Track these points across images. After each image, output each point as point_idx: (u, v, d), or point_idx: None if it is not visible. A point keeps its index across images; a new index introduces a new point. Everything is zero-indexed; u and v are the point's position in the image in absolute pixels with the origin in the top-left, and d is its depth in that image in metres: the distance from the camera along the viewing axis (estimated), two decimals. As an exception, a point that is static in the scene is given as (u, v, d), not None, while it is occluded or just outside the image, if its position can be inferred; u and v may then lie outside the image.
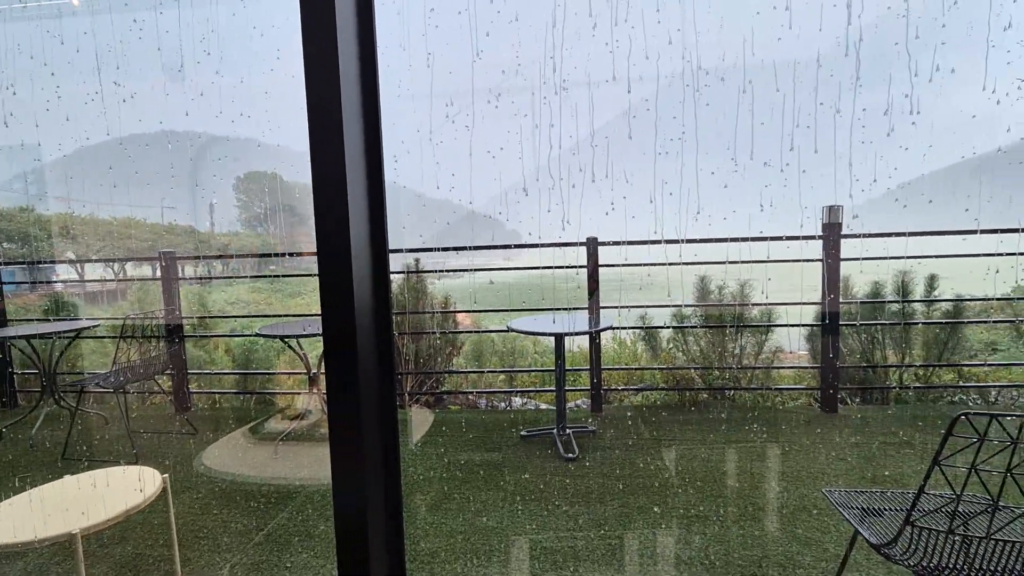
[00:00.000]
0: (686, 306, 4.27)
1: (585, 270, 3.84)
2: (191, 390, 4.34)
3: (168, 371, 4.00)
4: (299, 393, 4.41)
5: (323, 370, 1.38)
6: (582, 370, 4.42)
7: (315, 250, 0.87)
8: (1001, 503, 1.21)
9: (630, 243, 3.92)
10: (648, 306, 4.28)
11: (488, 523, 2.39)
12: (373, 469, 0.95)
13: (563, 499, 2.59)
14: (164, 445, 3.48)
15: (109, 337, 4.60)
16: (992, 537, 1.22)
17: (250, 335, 5.04)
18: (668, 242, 3.82)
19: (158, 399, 4.41)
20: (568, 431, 3.32)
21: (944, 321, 4.02)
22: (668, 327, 4.32)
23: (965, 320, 4.11)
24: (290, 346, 3.50)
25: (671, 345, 4.36)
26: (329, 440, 0.90)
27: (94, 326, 4.18)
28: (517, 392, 4.53)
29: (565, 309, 4.18)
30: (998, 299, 4.67)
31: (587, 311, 3.87)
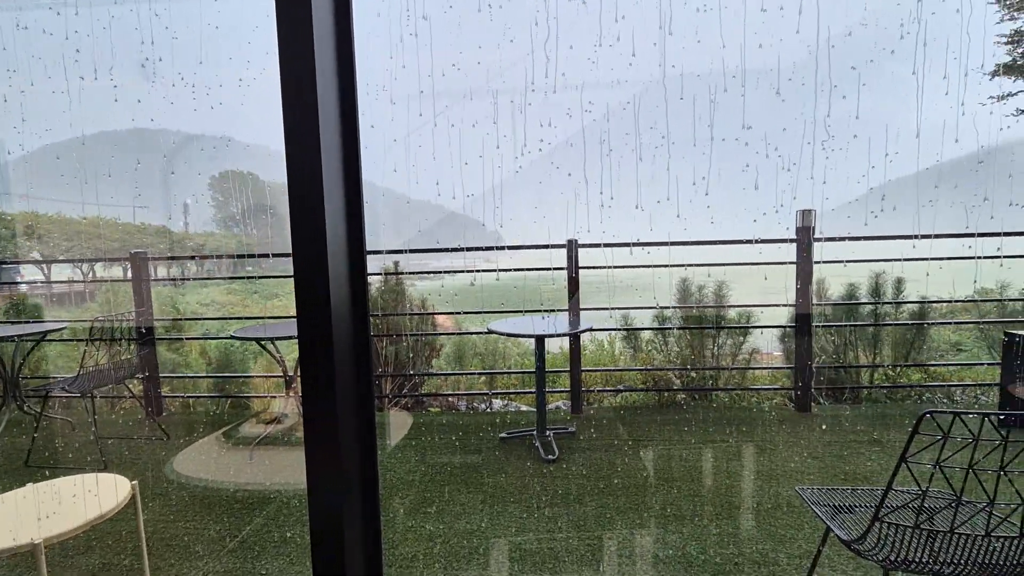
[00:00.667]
0: (665, 308, 4.32)
1: (566, 272, 3.86)
2: (163, 394, 4.23)
3: (139, 375, 3.90)
4: (275, 396, 4.34)
5: (299, 372, 1.36)
6: (562, 372, 4.43)
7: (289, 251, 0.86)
8: (964, 498, 1.25)
9: (610, 245, 3.96)
10: (628, 308, 4.32)
11: (467, 526, 2.38)
12: (350, 473, 0.94)
13: (543, 501, 2.60)
14: (134, 451, 3.39)
15: (76, 340, 4.47)
16: (955, 531, 1.27)
17: (224, 337, 4.94)
18: (647, 244, 3.87)
19: (128, 404, 4.29)
20: (548, 433, 3.32)
21: (912, 323, 4.14)
22: (648, 328, 4.36)
23: (930, 322, 4.25)
24: (266, 349, 3.44)
25: (651, 347, 4.41)
26: (304, 444, 0.89)
27: (60, 329, 4.05)
28: (497, 394, 4.53)
29: (546, 311, 4.20)
30: (962, 301, 4.83)
31: (568, 313, 3.89)
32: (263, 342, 3.37)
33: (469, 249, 4.12)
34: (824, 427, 3.50)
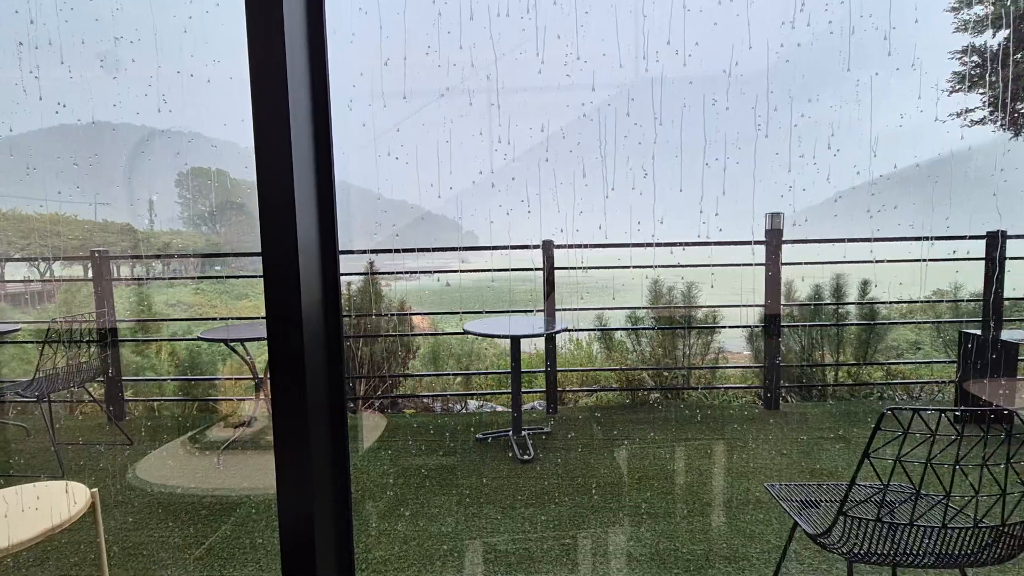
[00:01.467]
0: (638, 308, 4.38)
1: (541, 273, 3.87)
2: (127, 398, 4.09)
3: (100, 378, 3.76)
4: (245, 399, 4.23)
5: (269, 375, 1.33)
6: (538, 372, 4.45)
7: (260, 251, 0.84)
8: (923, 491, 1.30)
9: (584, 247, 3.99)
10: (603, 308, 4.36)
11: (442, 528, 2.37)
12: (321, 477, 0.92)
13: (519, 501, 2.60)
14: (95, 457, 3.26)
15: (33, 342, 4.28)
16: (914, 523, 1.31)
17: (191, 339, 4.80)
18: (620, 246, 3.91)
19: (89, 409, 4.13)
20: (524, 433, 3.33)
21: (873, 323, 4.29)
22: (621, 329, 4.41)
23: (891, 322, 4.41)
24: (235, 350, 3.35)
25: (624, 347, 4.46)
26: (274, 448, 0.87)
27: (15, 331, 3.88)
28: (473, 395, 4.51)
29: (521, 311, 4.20)
30: (920, 302, 5.03)
31: (543, 313, 3.91)
32: (232, 344, 3.28)
33: (445, 249, 4.10)
34: (791, 424, 3.60)
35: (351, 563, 1.02)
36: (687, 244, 3.95)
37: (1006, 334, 3.33)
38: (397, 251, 4.49)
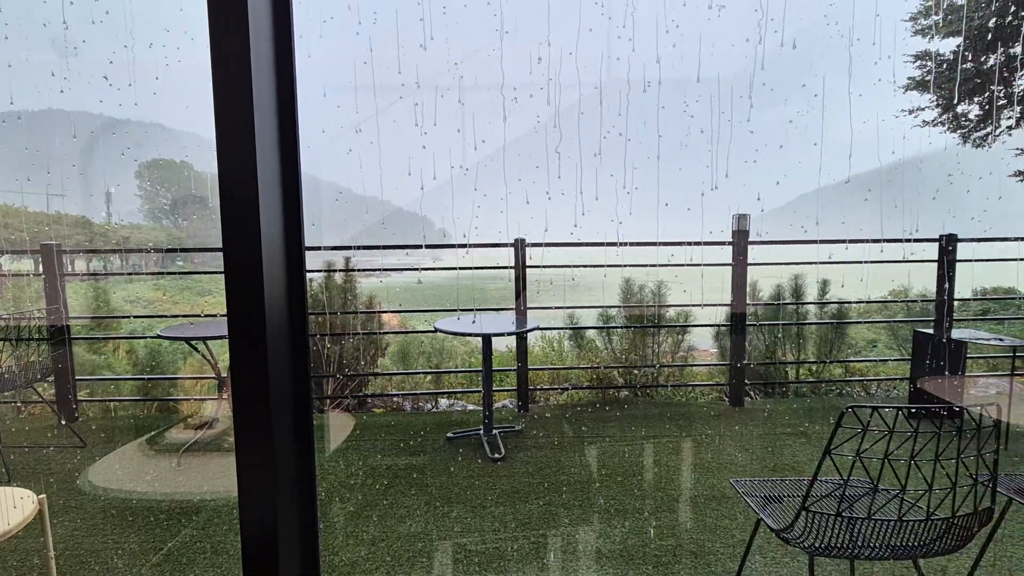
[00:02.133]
0: (610, 307, 4.42)
1: (513, 271, 3.87)
2: (80, 398, 3.91)
3: (50, 378, 3.58)
4: (207, 399, 4.10)
5: (232, 374, 1.28)
6: (509, 370, 4.45)
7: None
8: (880, 486, 1.34)
9: (557, 245, 4.00)
10: (574, 307, 4.39)
11: (412, 528, 2.34)
12: (285, 478, 0.89)
13: (489, 500, 2.59)
14: (43, 461, 3.11)
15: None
16: (872, 517, 1.36)
17: (151, 337, 4.63)
18: (592, 245, 3.94)
19: (38, 410, 3.93)
20: (495, 431, 3.32)
21: (833, 321, 4.44)
22: (592, 328, 4.45)
23: (849, 321, 4.57)
24: (196, 349, 3.24)
25: (595, 345, 4.49)
26: (235, 449, 0.84)
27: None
28: (444, 393, 4.48)
29: (493, 309, 4.19)
30: (877, 302, 5.23)
31: (514, 311, 3.90)
32: (193, 342, 3.17)
33: (415, 247, 4.05)
34: (756, 421, 3.69)
35: (316, 566, 0.99)
36: (657, 244, 4.00)
37: (956, 333, 3.49)
38: (366, 248, 4.42)
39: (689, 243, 3.98)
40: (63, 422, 3.64)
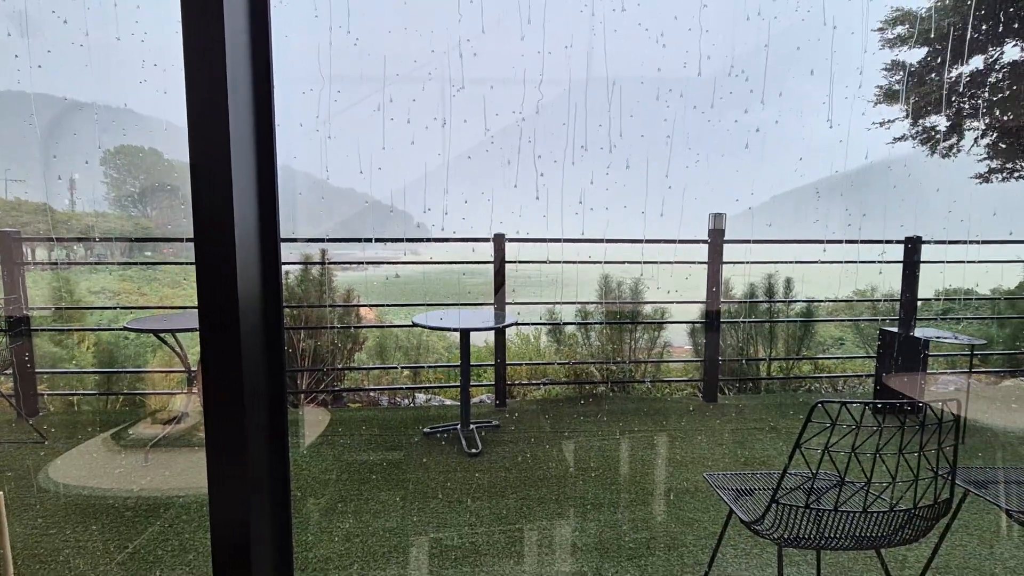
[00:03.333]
0: (587, 303, 4.45)
1: (492, 266, 3.86)
2: (40, 392, 3.76)
3: (7, 371, 3.44)
4: (176, 394, 4.00)
5: (203, 368, 1.25)
6: (487, 365, 4.44)
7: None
8: (847, 479, 1.38)
9: (536, 241, 4.01)
10: (552, 303, 4.41)
11: (387, 524, 2.33)
12: (257, 474, 0.87)
13: (466, 495, 2.59)
14: (1, 457, 2.99)
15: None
16: (838, 509, 1.40)
17: (117, 329, 4.48)
18: (571, 241, 3.96)
19: (-5, 403, 3.78)
20: (472, 427, 3.32)
21: (804, 319, 4.56)
22: (571, 324, 4.47)
23: (818, 319, 4.70)
24: (165, 341, 3.15)
25: (573, 341, 4.52)
26: (206, 445, 0.82)
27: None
28: (421, 388, 4.46)
29: (472, 304, 4.18)
30: (844, 301, 5.38)
31: (493, 307, 3.90)
32: (162, 334, 3.08)
33: (394, 240, 4.01)
34: (728, 416, 3.77)
35: (290, 562, 0.98)
36: (635, 241, 4.04)
37: (919, 331, 3.62)
38: (344, 240, 4.36)
39: (665, 241, 4.03)
40: (22, 415, 3.50)
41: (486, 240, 3.84)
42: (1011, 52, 5.99)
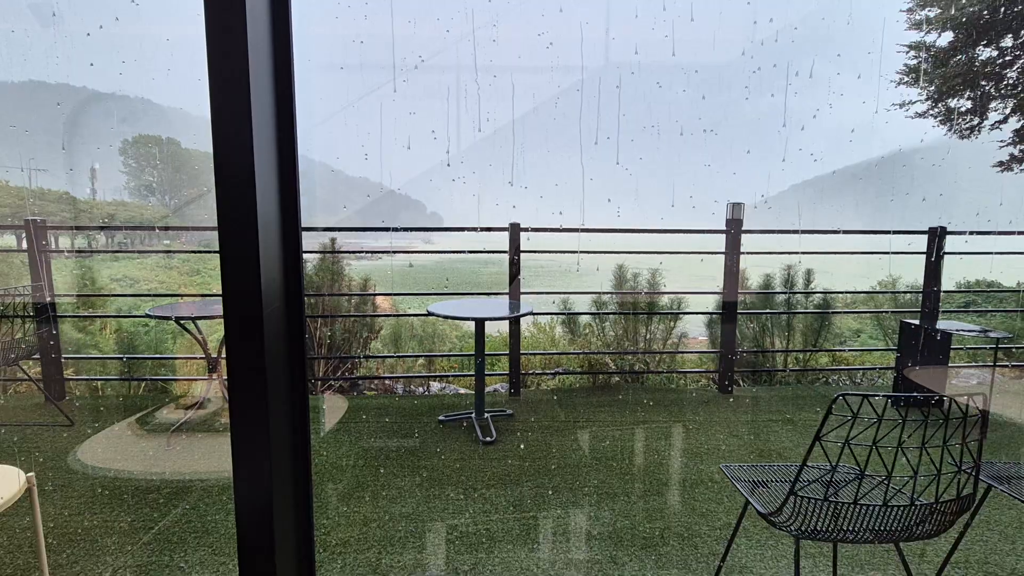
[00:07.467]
0: (603, 293, 4.43)
1: (507, 255, 3.85)
2: (67, 377, 3.87)
3: (36, 356, 3.53)
4: (197, 380, 4.08)
5: (224, 355, 1.27)
6: (502, 355, 4.46)
7: (216, 225, 0.79)
8: (867, 472, 1.37)
9: (551, 230, 3.99)
10: (567, 293, 4.39)
11: (404, 510, 2.36)
12: (280, 460, 0.89)
13: (480, 482, 2.61)
14: (31, 440, 3.08)
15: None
16: (858, 502, 1.39)
17: (139, 316, 4.57)
18: (587, 231, 3.93)
19: (24, 387, 3.89)
20: (486, 415, 3.34)
21: (821, 311, 4.49)
22: (585, 313, 4.46)
23: (837, 311, 4.62)
24: (186, 328, 3.21)
25: (588, 331, 4.51)
26: (231, 432, 0.83)
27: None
28: (436, 377, 4.49)
29: (486, 294, 4.18)
30: (865, 292, 5.29)
31: (508, 296, 3.90)
32: (183, 321, 3.14)
33: (410, 229, 4.02)
34: (743, 408, 3.74)
35: (311, 545, 1.00)
36: (652, 231, 4.00)
37: (942, 324, 3.55)
38: (361, 229, 4.38)
39: (683, 231, 3.98)
40: (50, 399, 3.60)
41: (502, 229, 3.83)
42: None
